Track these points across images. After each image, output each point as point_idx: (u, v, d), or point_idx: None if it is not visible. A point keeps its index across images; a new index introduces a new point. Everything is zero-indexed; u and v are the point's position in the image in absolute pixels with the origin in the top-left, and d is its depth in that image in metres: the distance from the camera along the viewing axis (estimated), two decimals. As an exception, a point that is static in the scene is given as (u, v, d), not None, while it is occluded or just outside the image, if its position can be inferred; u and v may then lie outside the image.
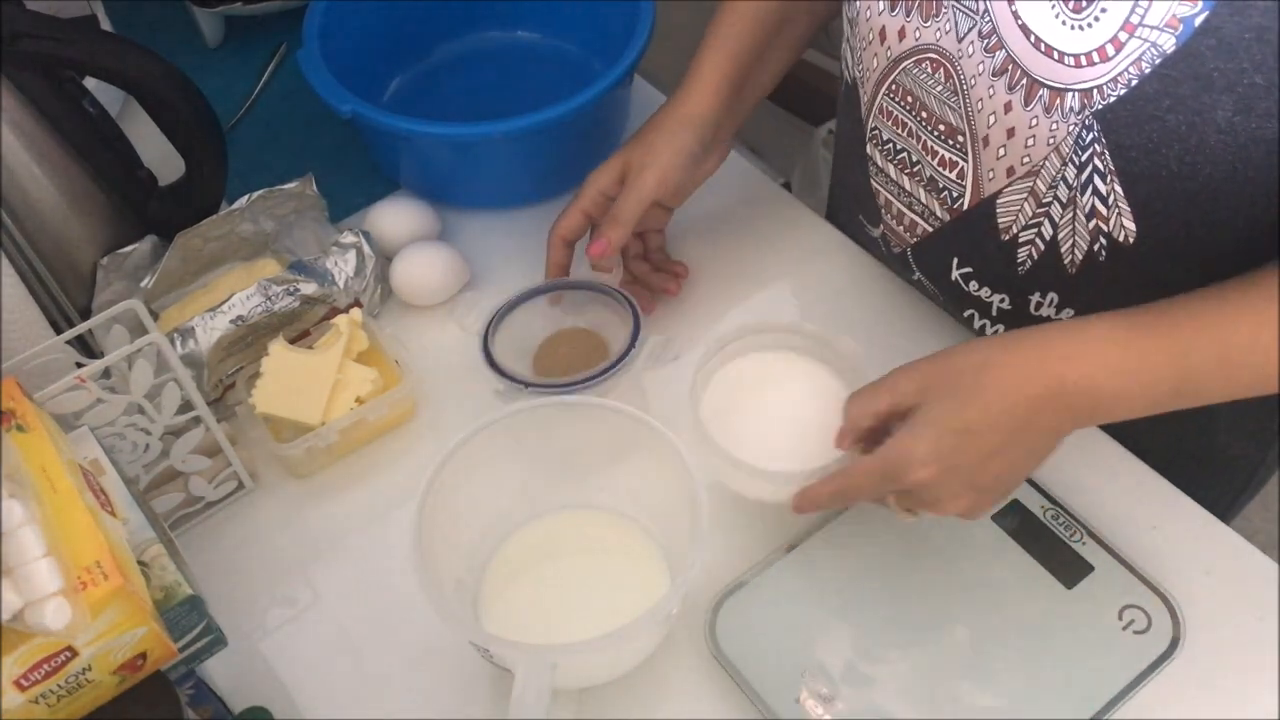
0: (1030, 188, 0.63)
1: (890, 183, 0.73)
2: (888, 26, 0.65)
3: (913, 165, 0.70)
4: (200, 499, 0.73)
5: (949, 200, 0.68)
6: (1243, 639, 0.64)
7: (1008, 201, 0.65)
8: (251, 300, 0.75)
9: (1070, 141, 0.59)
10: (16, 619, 0.47)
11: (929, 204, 0.70)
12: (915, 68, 0.65)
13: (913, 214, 0.72)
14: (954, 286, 0.74)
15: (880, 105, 0.70)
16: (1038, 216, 0.64)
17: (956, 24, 0.61)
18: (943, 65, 0.63)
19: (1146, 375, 0.55)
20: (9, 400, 0.56)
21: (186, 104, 0.77)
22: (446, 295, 0.84)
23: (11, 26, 0.71)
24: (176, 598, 0.56)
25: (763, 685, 0.62)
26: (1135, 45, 0.54)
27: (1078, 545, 0.66)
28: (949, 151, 0.66)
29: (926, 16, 0.63)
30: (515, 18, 1.01)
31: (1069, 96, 0.57)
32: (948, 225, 0.70)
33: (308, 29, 0.88)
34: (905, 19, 0.64)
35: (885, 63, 0.67)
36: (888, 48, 0.66)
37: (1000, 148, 0.62)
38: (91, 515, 0.52)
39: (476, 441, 0.63)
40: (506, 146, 0.86)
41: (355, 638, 0.69)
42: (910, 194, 0.71)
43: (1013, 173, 0.63)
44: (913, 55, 0.65)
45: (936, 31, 0.62)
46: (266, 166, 0.95)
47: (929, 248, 0.73)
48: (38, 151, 0.73)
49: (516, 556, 0.68)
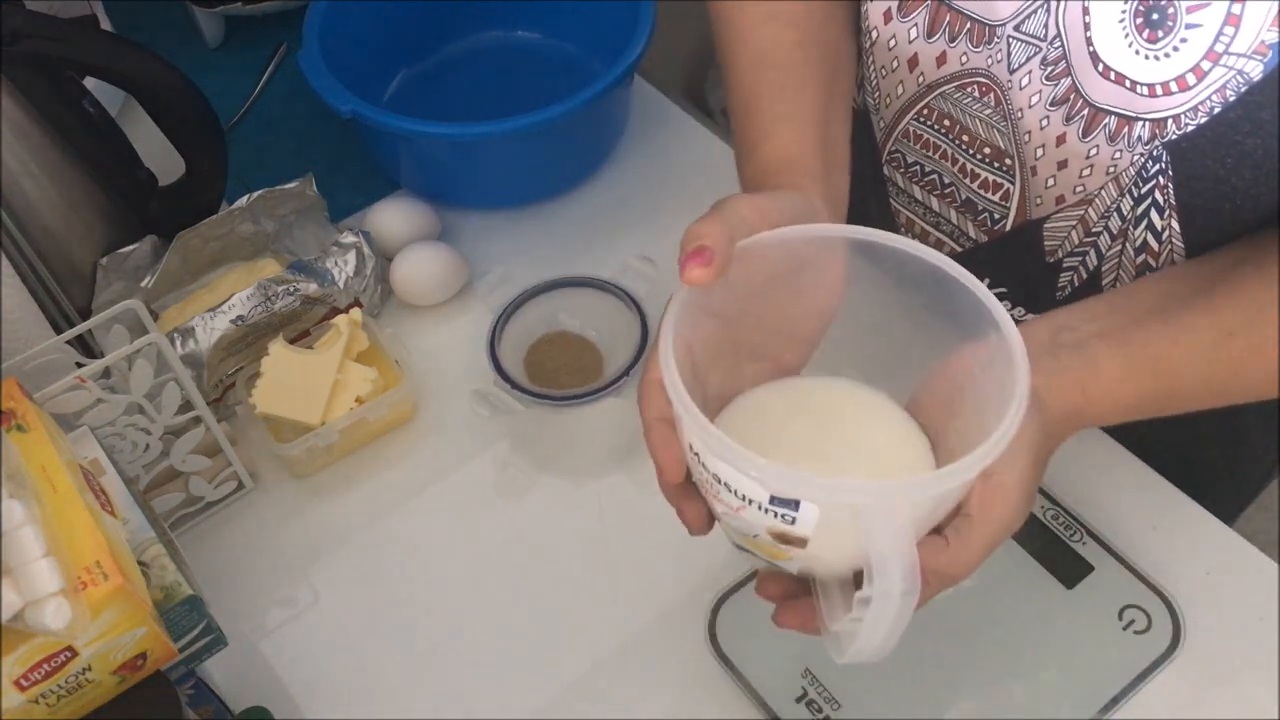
0: (1081, 216, 0.62)
1: (914, 203, 0.71)
2: (921, 53, 0.64)
3: (944, 187, 0.68)
4: (200, 499, 0.73)
5: (988, 222, 0.67)
6: (1243, 639, 0.64)
7: (1056, 227, 0.64)
8: (251, 300, 0.75)
9: (1132, 172, 0.57)
10: (16, 619, 0.47)
11: (960, 225, 0.69)
12: (957, 92, 0.63)
13: (939, 234, 0.71)
14: None
15: (906, 129, 0.68)
16: (1084, 245, 0.63)
17: (1010, 54, 0.60)
18: (993, 90, 0.62)
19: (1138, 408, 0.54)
20: (9, 400, 0.56)
21: (186, 104, 0.77)
22: (446, 295, 0.84)
23: (11, 26, 0.71)
24: (176, 598, 0.56)
25: (763, 685, 0.62)
26: (1220, 73, 0.53)
27: (1078, 545, 0.66)
28: (993, 174, 0.64)
29: (978, 42, 0.61)
30: (515, 18, 1.01)
31: (1138, 126, 0.56)
32: (984, 246, 0.68)
33: (308, 29, 0.88)
34: (948, 44, 0.62)
35: (917, 88, 0.65)
36: (919, 74, 0.64)
37: (1049, 178, 0.61)
38: (91, 515, 0.52)
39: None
40: (506, 146, 0.86)
41: (355, 638, 0.69)
42: (939, 214, 0.70)
43: (1062, 201, 0.62)
44: (955, 80, 0.63)
45: (987, 58, 0.61)
46: (266, 166, 0.95)
47: None
48: (38, 151, 0.73)
49: (751, 407, 0.55)
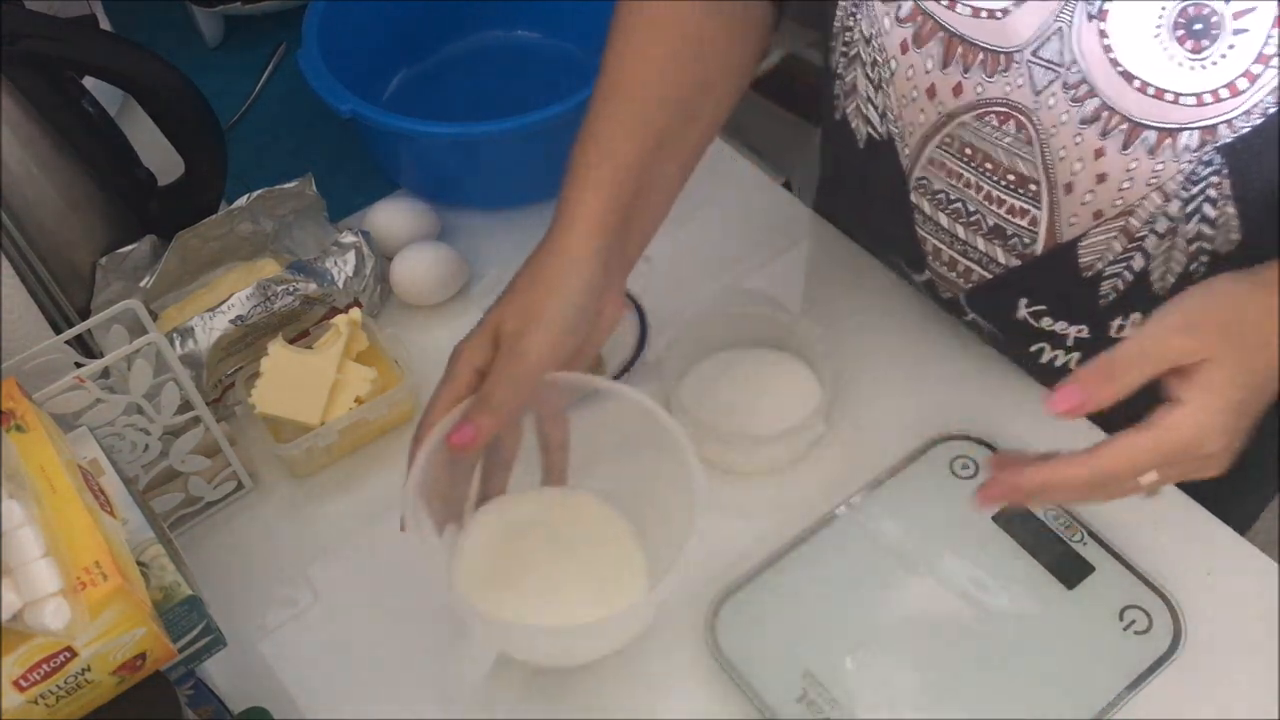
0: (1122, 226, 0.61)
1: (941, 231, 0.70)
2: (938, 84, 0.63)
3: (969, 215, 0.67)
4: (200, 499, 0.73)
5: (1018, 246, 0.66)
6: (1243, 639, 0.64)
7: (1093, 243, 0.63)
8: (251, 300, 0.75)
9: (1179, 179, 0.57)
10: (16, 619, 0.47)
11: (988, 251, 0.68)
12: (976, 121, 0.63)
13: (967, 261, 0.70)
14: (1020, 325, 0.71)
15: (930, 157, 0.67)
16: (1129, 251, 0.62)
17: (1032, 78, 0.59)
18: (1013, 117, 0.61)
19: None
20: (8, 400, 0.56)
21: (186, 104, 0.77)
22: (446, 295, 0.84)
23: (11, 26, 0.71)
24: (176, 598, 0.56)
25: (763, 685, 0.62)
26: (1271, 75, 0.53)
27: (1078, 545, 0.66)
28: (1019, 200, 0.64)
29: (991, 72, 0.60)
30: (515, 17, 1.01)
31: (1184, 135, 0.55)
32: (1014, 270, 0.68)
33: (308, 29, 0.88)
34: (963, 75, 0.61)
35: (937, 117, 0.65)
36: (939, 103, 0.64)
37: (1088, 193, 0.61)
38: (91, 515, 0.52)
39: None
40: (506, 146, 0.86)
41: (355, 638, 0.69)
42: (965, 242, 0.69)
43: (1101, 215, 0.61)
44: (973, 110, 0.62)
45: (1006, 86, 0.60)
46: (266, 166, 0.95)
47: (987, 292, 0.71)
48: (37, 152, 0.73)
49: (491, 527, 0.66)
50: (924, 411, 0.74)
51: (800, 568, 0.67)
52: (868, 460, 0.72)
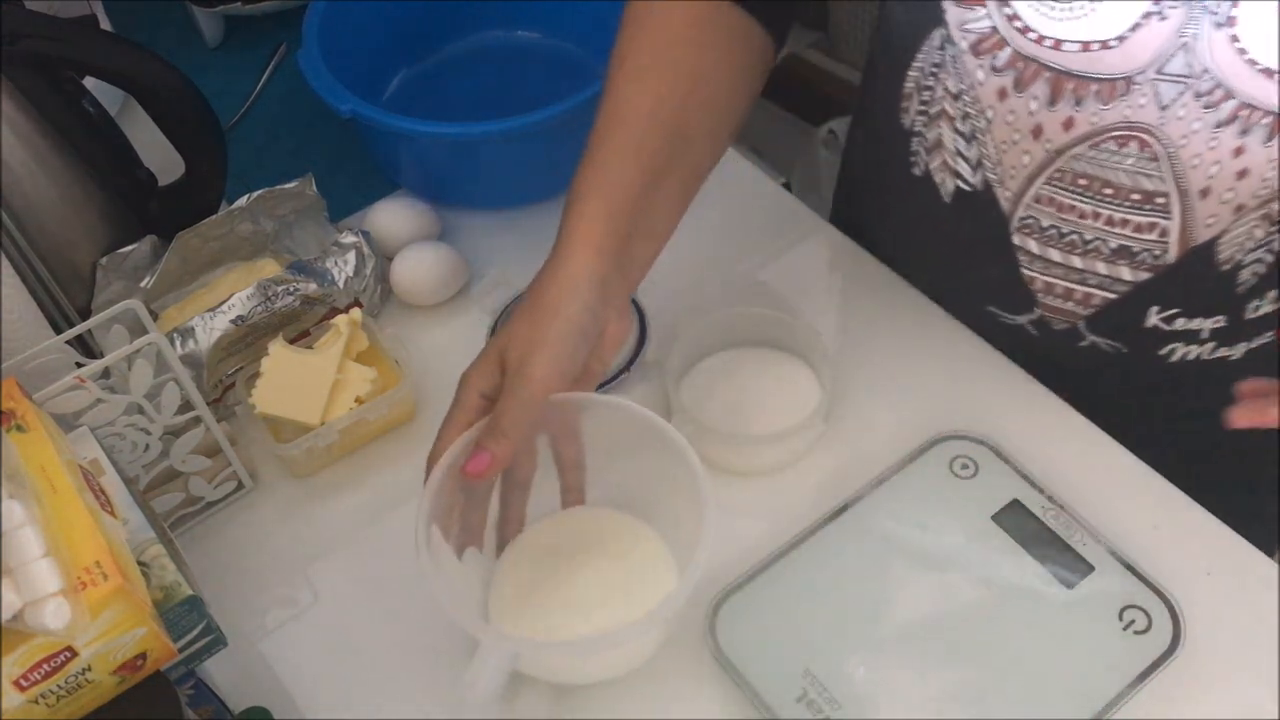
0: (1264, 214, 0.62)
1: (1053, 266, 0.70)
2: (1045, 123, 0.63)
3: (1086, 244, 0.67)
4: (200, 499, 0.73)
5: (1147, 260, 0.66)
6: (1243, 639, 0.64)
7: (1233, 237, 0.63)
8: (251, 300, 0.75)
9: None
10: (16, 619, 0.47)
11: (1112, 273, 0.68)
12: (1091, 150, 0.63)
13: (1086, 288, 0.70)
14: (1149, 334, 0.71)
15: (1037, 195, 0.67)
16: (1270, 236, 0.63)
17: (1158, 95, 0.60)
18: (1135, 138, 0.61)
19: None
20: (9, 400, 0.56)
21: (186, 104, 0.77)
22: (446, 295, 0.84)
23: (11, 26, 0.71)
24: (176, 598, 0.56)
25: (763, 685, 0.62)
26: None
27: (1078, 545, 0.66)
28: (1146, 216, 0.64)
29: (1109, 99, 0.61)
30: (516, 17, 1.01)
31: None
32: (1142, 284, 0.68)
33: (308, 29, 0.88)
34: (1074, 109, 0.62)
35: (1044, 155, 0.65)
36: (1045, 141, 0.64)
37: (1227, 191, 0.61)
38: (91, 515, 0.52)
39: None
40: (506, 146, 0.86)
41: (355, 638, 0.69)
42: (1084, 271, 0.69)
43: (1243, 209, 0.62)
44: (1087, 139, 0.63)
45: (1126, 109, 0.61)
46: (266, 166, 0.95)
47: (1112, 312, 0.71)
48: (37, 151, 0.73)
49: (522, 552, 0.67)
50: (924, 411, 0.74)
51: (800, 568, 0.67)
52: (868, 460, 0.72)
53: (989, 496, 0.69)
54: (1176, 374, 0.73)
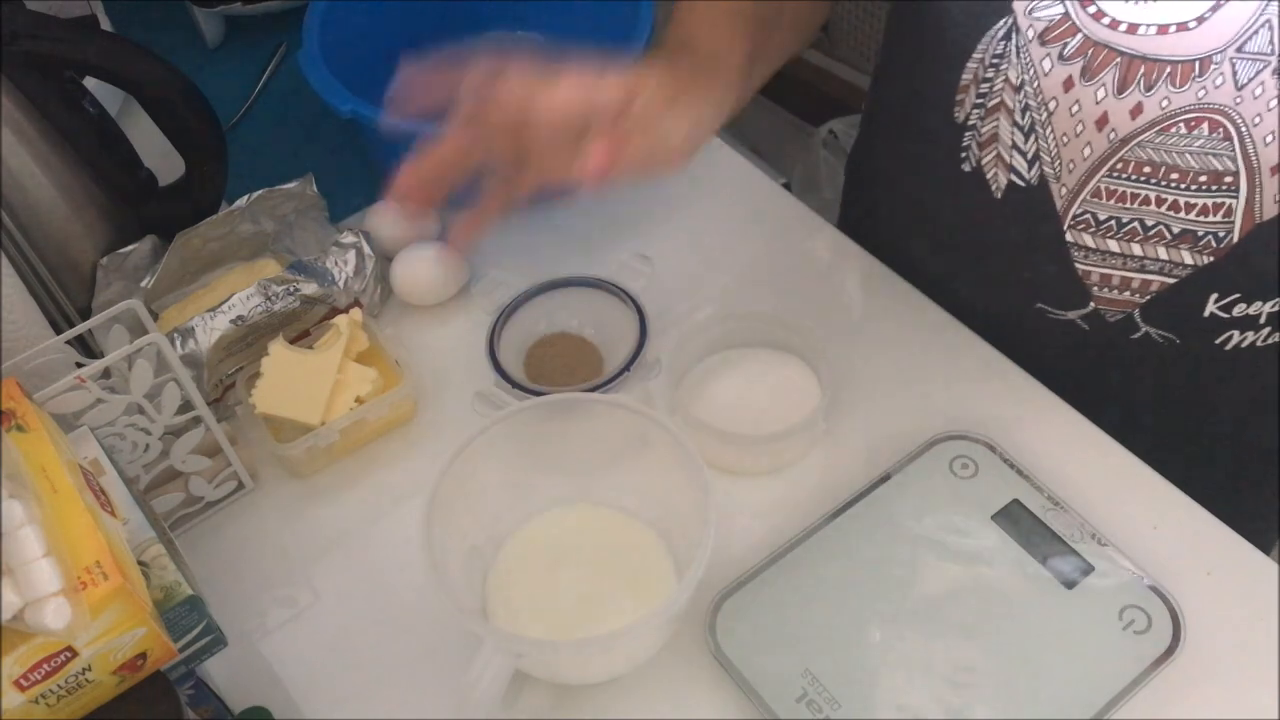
0: None
1: (1111, 257, 0.69)
2: (1111, 111, 0.63)
3: (1146, 231, 0.67)
4: (200, 499, 0.73)
5: (1211, 243, 0.66)
6: (1243, 639, 0.64)
7: None
8: (251, 300, 0.75)
9: None
10: (16, 619, 0.47)
11: (1173, 258, 0.67)
12: (1159, 136, 0.63)
13: (1145, 274, 0.69)
14: (1206, 322, 0.70)
15: (1095, 189, 0.66)
16: None
17: (1235, 74, 0.60)
18: (1205, 120, 0.61)
19: None
20: (9, 400, 0.56)
21: (186, 104, 0.77)
22: (446, 295, 0.84)
23: (11, 26, 0.71)
24: (176, 598, 0.56)
25: (763, 685, 0.62)
26: None
27: (1078, 545, 0.66)
28: (1212, 198, 0.64)
29: (1182, 82, 0.61)
30: (516, 18, 1.01)
31: None
32: (1204, 268, 0.67)
33: (308, 29, 0.88)
34: (1144, 94, 0.62)
35: (1107, 145, 0.64)
36: (1110, 130, 0.64)
37: None
38: (91, 515, 0.52)
39: (488, 436, 0.64)
40: (506, 146, 0.86)
41: (355, 638, 0.69)
42: (1143, 258, 0.68)
43: None
44: (1155, 125, 0.62)
45: (1200, 91, 0.61)
46: (266, 166, 0.95)
47: (1170, 298, 0.70)
48: (38, 151, 0.73)
49: (523, 552, 0.68)
50: (924, 411, 0.74)
51: (800, 568, 0.67)
52: (868, 460, 0.72)
53: (989, 496, 0.69)
54: (1229, 363, 0.72)
